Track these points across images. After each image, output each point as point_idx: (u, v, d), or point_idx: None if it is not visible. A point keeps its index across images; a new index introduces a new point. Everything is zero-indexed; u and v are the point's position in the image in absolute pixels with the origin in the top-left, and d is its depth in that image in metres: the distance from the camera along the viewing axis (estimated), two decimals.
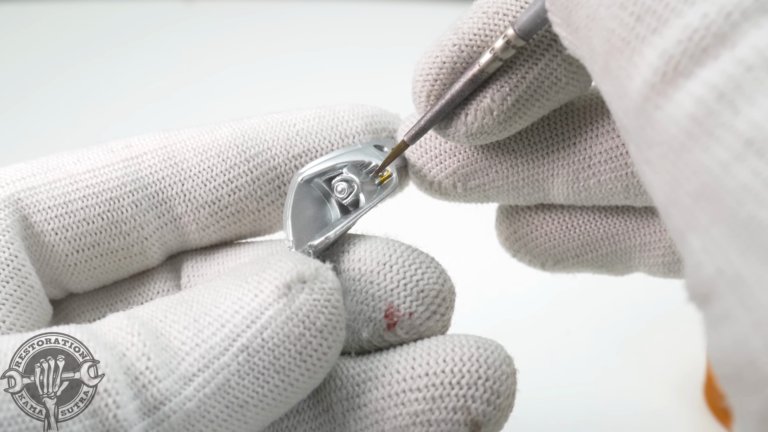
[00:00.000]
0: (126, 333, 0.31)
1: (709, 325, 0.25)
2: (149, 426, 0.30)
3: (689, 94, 0.25)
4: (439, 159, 0.39)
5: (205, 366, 0.31)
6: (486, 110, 0.36)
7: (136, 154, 0.39)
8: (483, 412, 0.34)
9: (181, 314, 0.32)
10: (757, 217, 0.23)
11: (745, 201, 0.24)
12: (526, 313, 0.65)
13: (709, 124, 0.24)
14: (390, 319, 0.35)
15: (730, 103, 0.24)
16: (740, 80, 0.24)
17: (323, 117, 0.41)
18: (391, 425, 0.34)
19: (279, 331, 0.31)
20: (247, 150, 0.39)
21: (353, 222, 0.38)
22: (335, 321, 0.32)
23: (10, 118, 0.96)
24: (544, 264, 0.43)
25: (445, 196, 0.41)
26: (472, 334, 0.36)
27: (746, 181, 0.24)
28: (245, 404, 0.31)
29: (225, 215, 0.40)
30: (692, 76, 0.25)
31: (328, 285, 0.32)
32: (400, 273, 0.36)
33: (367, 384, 0.34)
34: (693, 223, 0.25)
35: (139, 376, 0.30)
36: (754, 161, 0.23)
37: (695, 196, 0.25)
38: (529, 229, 0.42)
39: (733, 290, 0.24)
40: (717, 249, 0.24)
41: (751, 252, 0.23)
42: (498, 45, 0.35)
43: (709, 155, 0.24)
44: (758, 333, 0.23)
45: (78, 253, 0.38)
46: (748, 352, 0.24)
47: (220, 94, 0.97)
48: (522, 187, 0.40)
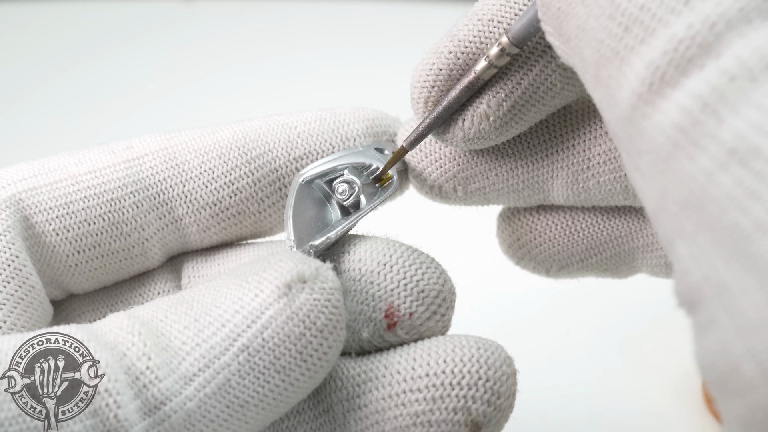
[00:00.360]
0: (126, 333, 0.32)
1: (697, 331, 0.26)
2: (150, 426, 0.30)
3: (675, 104, 0.25)
4: (439, 163, 0.40)
5: (206, 366, 0.31)
6: (482, 116, 0.36)
7: (137, 156, 0.39)
8: (483, 412, 0.34)
9: (181, 314, 0.32)
10: (740, 225, 0.24)
11: (729, 209, 0.24)
12: (526, 313, 0.65)
13: (695, 133, 0.25)
14: (390, 319, 0.35)
15: (714, 113, 0.25)
16: (724, 90, 0.24)
17: (324, 120, 0.41)
18: (391, 426, 0.34)
19: (279, 331, 0.31)
20: (248, 152, 0.40)
21: (354, 223, 0.38)
22: (336, 321, 0.32)
23: (10, 117, 0.96)
24: (549, 270, 0.43)
25: (445, 200, 0.41)
26: (472, 335, 0.36)
27: (729, 190, 0.24)
28: (246, 404, 0.31)
29: (226, 216, 0.40)
30: (678, 86, 0.25)
31: (329, 285, 0.32)
32: (400, 273, 0.36)
33: (367, 384, 0.34)
34: (680, 230, 0.26)
35: (139, 375, 0.30)
36: (737, 170, 0.24)
37: (682, 204, 0.25)
38: (532, 236, 0.42)
39: (717, 297, 0.24)
40: (703, 256, 0.25)
41: (735, 259, 0.24)
42: (493, 52, 0.35)
43: (695, 164, 0.25)
44: (741, 339, 0.24)
45: (79, 253, 0.38)
46: (732, 358, 0.24)
47: (220, 94, 0.97)
48: (522, 190, 0.40)
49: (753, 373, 0.23)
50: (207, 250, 0.42)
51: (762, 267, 0.23)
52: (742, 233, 0.24)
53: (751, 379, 0.23)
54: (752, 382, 0.23)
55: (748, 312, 0.23)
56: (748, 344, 0.23)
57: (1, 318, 0.35)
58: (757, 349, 0.23)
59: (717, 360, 0.25)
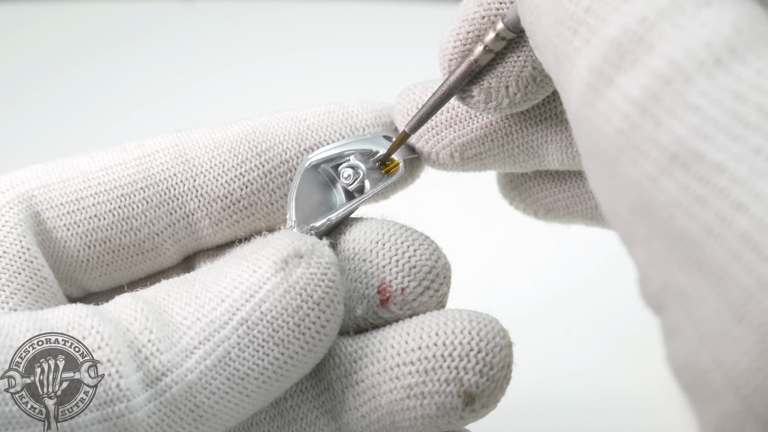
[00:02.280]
0: (130, 310, 0.33)
1: (665, 336, 0.26)
2: (152, 397, 0.31)
3: (614, 107, 0.25)
4: (435, 131, 0.40)
5: (206, 339, 0.32)
6: (529, 78, 0.37)
7: (148, 153, 0.40)
8: (476, 383, 0.34)
9: (183, 292, 0.33)
10: (689, 231, 0.23)
11: (677, 215, 0.24)
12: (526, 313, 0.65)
13: (635, 137, 0.25)
14: (382, 294, 0.36)
15: (652, 117, 0.24)
16: (660, 93, 0.24)
17: (333, 112, 0.42)
18: (387, 399, 0.34)
19: (277, 304, 0.32)
20: (258, 145, 0.40)
21: (356, 206, 0.39)
22: (332, 294, 0.33)
23: (11, 117, 0.96)
24: (537, 213, 0.44)
25: (443, 167, 0.42)
26: (467, 309, 0.36)
27: (675, 196, 0.24)
28: (246, 376, 0.32)
29: (237, 209, 0.40)
30: (615, 85, 0.25)
31: (325, 259, 0.33)
32: (392, 250, 0.36)
33: (363, 360, 0.35)
34: (634, 236, 0.25)
35: (141, 348, 0.31)
36: (680, 175, 0.24)
37: (632, 209, 0.25)
38: (524, 179, 0.43)
39: (678, 304, 0.24)
40: (660, 263, 0.25)
41: (689, 265, 0.24)
42: (489, 38, 0.36)
43: (638, 169, 0.25)
44: (705, 348, 0.24)
45: (90, 248, 0.39)
46: (699, 367, 0.24)
47: (221, 94, 0.97)
48: (518, 155, 0.40)
49: (721, 382, 0.23)
50: (221, 249, 0.42)
51: (717, 273, 0.23)
52: (693, 239, 0.23)
53: (719, 389, 0.23)
54: (720, 392, 0.23)
55: (708, 320, 0.23)
56: (713, 353, 0.23)
57: (12, 307, 0.36)
58: (722, 358, 0.23)
59: (686, 367, 0.25)
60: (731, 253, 0.23)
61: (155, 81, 1.01)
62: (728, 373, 0.23)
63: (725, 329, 0.23)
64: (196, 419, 0.32)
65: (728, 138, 0.23)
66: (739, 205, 0.23)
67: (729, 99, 0.24)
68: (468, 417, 0.34)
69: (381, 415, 0.34)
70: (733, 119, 0.23)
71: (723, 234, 0.23)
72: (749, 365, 0.22)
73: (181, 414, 0.31)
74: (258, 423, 0.36)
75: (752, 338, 0.22)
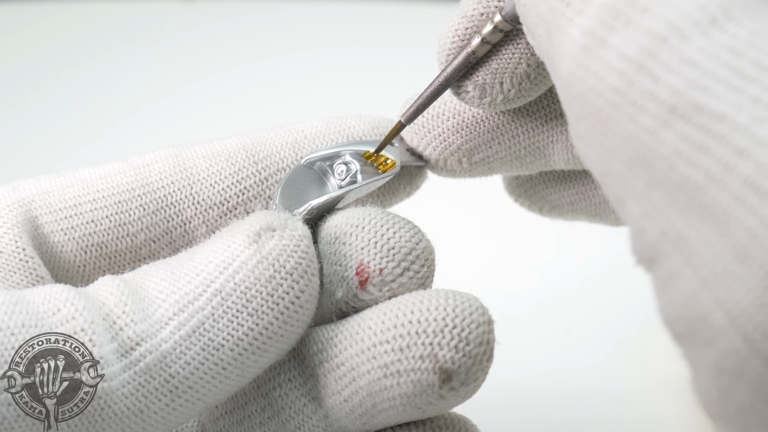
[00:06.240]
0: (108, 286, 0.33)
1: (658, 287, 0.26)
2: (126, 366, 0.31)
3: (609, 66, 0.26)
4: (442, 137, 0.41)
5: (180, 310, 0.32)
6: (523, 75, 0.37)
7: (147, 163, 0.40)
8: (451, 359, 0.33)
9: (159, 269, 0.34)
10: (692, 179, 0.24)
11: (678, 164, 0.24)
12: (526, 313, 0.65)
13: (632, 93, 0.25)
14: (361, 276, 0.36)
15: (649, 73, 0.25)
16: (656, 51, 0.25)
17: (331, 123, 0.42)
18: (365, 380, 0.34)
19: (250, 275, 0.33)
20: (255, 154, 0.41)
21: (341, 195, 0.39)
22: (306, 265, 0.33)
23: (10, 118, 0.96)
24: (542, 209, 0.44)
25: (451, 174, 0.42)
26: (447, 288, 0.36)
27: (676, 146, 0.24)
28: (221, 347, 0.32)
29: (234, 216, 0.41)
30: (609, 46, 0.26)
31: (298, 232, 0.34)
32: (371, 232, 0.36)
33: (342, 343, 0.35)
34: (630, 189, 0.26)
35: (116, 320, 0.32)
36: (680, 126, 0.24)
37: (628, 163, 0.26)
38: (529, 177, 0.44)
39: (678, 251, 0.25)
40: (657, 212, 0.25)
41: (690, 212, 0.24)
42: (486, 30, 0.36)
43: (636, 124, 0.25)
44: (706, 290, 0.24)
45: (85, 253, 0.39)
46: (699, 309, 0.24)
47: (221, 95, 0.97)
48: (524, 156, 0.41)
49: (722, 321, 0.24)
50: None
51: (720, 217, 0.23)
52: (695, 186, 0.24)
53: (720, 327, 0.24)
54: (721, 330, 0.24)
55: (710, 263, 0.24)
56: (714, 294, 0.24)
57: None
58: (723, 298, 0.24)
59: (683, 312, 0.25)
60: (734, 197, 0.23)
61: (155, 81, 1.01)
62: (730, 311, 0.23)
63: (728, 270, 0.23)
64: (171, 390, 0.32)
65: (727, 89, 0.24)
66: (740, 151, 0.23)
67: (726, 54, 0.24)
68: (448, 396, 0.34)
69: (362, 397, 0.34)
70: (730, 72, 0.24)
71: (726, 179, 0.23)
72: (752, 302, 0.23)
73: (155, 384, 0.31)
74: (250, 415, 0.36)
75: (756, 276, 0.23)
